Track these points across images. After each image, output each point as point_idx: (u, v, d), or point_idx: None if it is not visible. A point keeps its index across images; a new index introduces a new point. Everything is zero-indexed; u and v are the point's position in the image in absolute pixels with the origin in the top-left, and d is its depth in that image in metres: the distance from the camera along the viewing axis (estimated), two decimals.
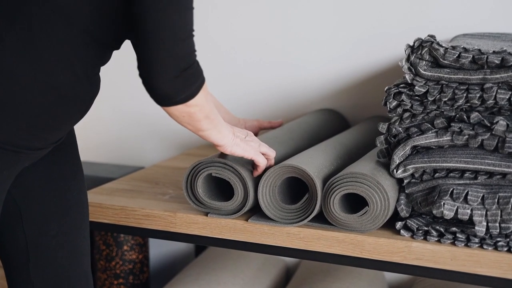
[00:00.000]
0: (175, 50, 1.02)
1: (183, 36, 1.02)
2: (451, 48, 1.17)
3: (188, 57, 1.04)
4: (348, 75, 1.84)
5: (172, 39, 1.01)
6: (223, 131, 1.19)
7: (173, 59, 1.02)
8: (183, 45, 1.03)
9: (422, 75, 1.19)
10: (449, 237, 1.16)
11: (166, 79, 1.03)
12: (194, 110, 1.09)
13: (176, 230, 1.33)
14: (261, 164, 1.25)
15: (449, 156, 1.17)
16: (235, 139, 1.21)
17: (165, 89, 1.04)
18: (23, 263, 1.20)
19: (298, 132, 1.52)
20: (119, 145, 2.13)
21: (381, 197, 1.17)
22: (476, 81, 1.15)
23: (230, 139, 1.20)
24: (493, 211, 1.12)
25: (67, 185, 1.23)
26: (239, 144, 1.22)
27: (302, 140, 1.49)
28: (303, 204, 1.24)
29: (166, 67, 1.02)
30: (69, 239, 1.22)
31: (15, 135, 1.05)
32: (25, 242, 1.20)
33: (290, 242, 1.24)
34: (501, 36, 1.54)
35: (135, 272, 1.87)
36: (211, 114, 1.13)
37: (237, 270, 1.78)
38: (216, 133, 1.17)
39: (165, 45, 1.01)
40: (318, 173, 1.23)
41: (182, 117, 1.10)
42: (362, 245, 1.19)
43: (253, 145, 1.24)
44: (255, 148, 1.24)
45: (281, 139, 1.43)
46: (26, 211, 1.19)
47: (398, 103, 1.21)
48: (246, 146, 1.23)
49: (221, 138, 1.19)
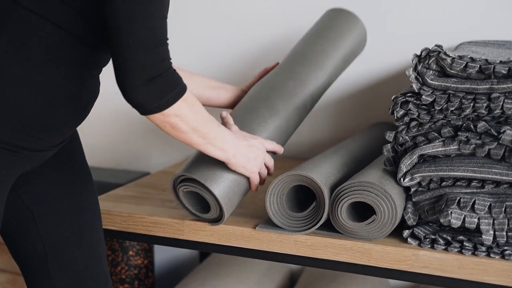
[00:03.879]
0: (143, 58, 1.02)
1: (152, 44, 1.02)
2: (458, 58, 1.18)
3: (158, 66, 1.03)
4: (352, 81, 1.85)
5: (140, 47, 1.01)
6: (224, 147, 1.19)
7: (141, 67, 1.02)
8: (152, 53, 1.02)
9: (429, 84, 1.19)
10: (456, 245, 1.17)
11: (134, 86, 1.03)
12: (174, 120, 1.09)
13: (184, 237, 1.34)
14: (254, 183, 1.29)
15: (456, 165, 1.18)
16: (237, 154, 1.22)
17: (135, 96, 1.04)
18: (43, 265, 1.23)
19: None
20: (123, 150, 2.14)
21: (389, 205, 1.18)
22: (483, 91, 1.16)
23: (230, 155, 1.21)
24: (500, 220, 1.13)
25: (77, 188, 1.25)
26: (239, 162, 1.23)
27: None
28: (311, 212, 1.25)
29: (135, 74, 1.02)
30: (84, 240, 1.24)
31: (10, 135, 1.06)
32: (42, 245, 1.22)
33: (298, 250, 1.25)
34: (506, 44, 1.55)
35: (140, 277, 1.88)
36: (201, 128, 1.13)
37: (242, 276, 1.79)
38: (213, 149, 1.18)
39: (133, 53, 1.01)
40: (326, 181, 1.24)
41: (164, 126, 1.10)
42: (370, 253, 1.20)
43: (256, 164, 1.26)
44: (257, 167, 1.27)
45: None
46: (39, 215, 1.21)
47: (405, 112, 1.22)
48: (247, 164, 1.24)
49: (220, 155, 1.20)
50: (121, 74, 1.03)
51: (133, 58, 1.01)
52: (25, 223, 1.21)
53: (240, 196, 1.30)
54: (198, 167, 1.26)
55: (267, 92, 1.40)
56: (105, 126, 2.13)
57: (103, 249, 1.29)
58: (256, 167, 1.26)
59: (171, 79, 1.06)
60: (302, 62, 1.48)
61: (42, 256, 1.22)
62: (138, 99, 1.04)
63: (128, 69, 1.02)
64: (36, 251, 1.22)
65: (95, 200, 1.29)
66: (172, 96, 1.06)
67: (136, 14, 1.00)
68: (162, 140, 2.06)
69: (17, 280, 1.94)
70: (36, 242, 1.22)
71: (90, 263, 1.25)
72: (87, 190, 1.27)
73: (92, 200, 1.28)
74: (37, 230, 1.21)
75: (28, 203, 1.20)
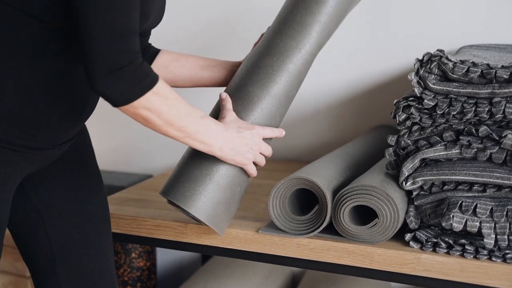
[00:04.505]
0: (106, 48, 0.99)
1: (116, 34, 0.99)
2: (460, 62, 1.18)
3: (121, 56, 1.00)
4: (354, 83, 1.85)
5: (103, 37, 0.99)
6: (206, 141, 1.14)
7: (104, 57, 1.00)
8: (115, 43, 0.99)
9: (431, 88, 1.20)
10: (458, 249, 1.17)
11: (98, 76, 1.00)
12: (145, 113, 1.05)
13: (187, 240, 1.34)
14: (249, 172, 1.24)
15: (457, 169, 1.19)
16: (224, 148, 1.16)
17: (100, 87, 1.01)
18: (50, 267, 1.24)
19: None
20: (126, 153, 2.15)
21: (391, 209, 1.19)
22: (484, 95, 1.16)
23: (216, 149, 1.16)
24: (502, 224, 1.14)
25: (87, 193, 1.26)
26: (228, 156, 1.18)
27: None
28: (313, 216, 1.25)
29: (98, 64, 1.00)
30: (92, 244, 1.26)
31: (7, 133, 1.06)
32: (50, 247, 1.24)
33: (300, 253, 1.26)
34: (507, 47, 1.56)
35: (142, 279, 1.89)
36: (177, 122, 1.09)
37: (244, 278, 1.80)
38: (194, 143, 1.13)
39: (96, 43, 0.99)
40: (328, 184, 1.25)
41: (137, 119, 1.08)
42: (372, 256, 1.21)
43: (248, 157, 1.21)
44: (249, 159, 1.21)
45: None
46: (48, 218, 1.23)
47: (407, 116, 1.23)
48: (237, 158, 1.19)
49: (203, 148, 1.15)
50: (86, 64, 1.01)
51: (96, 48, 0.99)
52: (34, 225, 1.23)
53: (233, 198, 1.24)
54: (177, 181, 1.22)
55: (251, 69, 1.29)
56: (107, 128, 2.13)
57: (111, 254, 1.30)
58: (247, 160, 1.21)
59: (137, 71, 1.02)
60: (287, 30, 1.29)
61: (50, 258, 1.24)
62: (103, 90, 1.01)
63: (91, 59, 1.00)
64: (44, 253, 1.24)
65: (104, 205, 1.30)
66: (139, 88, 1.03)
67: (100, 5, 0.98)
68: (165, 142, 2.06)
69: (19, 282, 1.94)
70: (44, 244, 1.23)
71: (97, 267, 1.26)
72: (97, 195, 1.28)
73: (102, 205, 1.29)
74: (45, 233, 1.23)
75: (38, 205, 1.22)
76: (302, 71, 1.29)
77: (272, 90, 1.25)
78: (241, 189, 1.26)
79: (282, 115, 1.29)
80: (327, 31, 1.30)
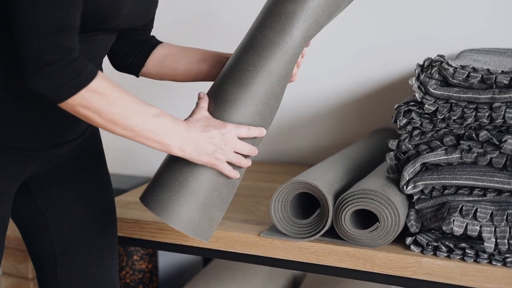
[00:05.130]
0: (33, 45, 0.97)
1: (46, 30, 0.97)
2: (461, 68, 1.19)
3: (52, 52, 0.98)
4: (355, 87, 1.86)
5: (32, 33, 0.97)
6: (161, 140, 1.08)
7: (31, 53, 0.98)
8: (45, 39, 0.97)
9: (432, 93, 1.21)
10: (458, 252, 1.18)
11: (29, 73, 0.98)
12: (83, 112, 1.02)
13: (189, 244, 1.35)
14: (224, 172, 1.16)
15: (458, 173, 1.20)
16: (185, 147, 1.11)
17: (31, 83, 0.99)
18: (52, 268, 1.26)
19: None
20: (129, 155, 2.16)
21: (392, 213, 1.19)
22: (485, 100, 1.17)
23: (174, 149, 1.10)
24: (502, 228, 1.15)
25: (92, 197, 1.26)
26: (192, 156, 1.12)
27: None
28: (315, 219, 1.26)
29: (26, 61, 0.98)
30: (95, 248, 1.26)
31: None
32: (53, 249, 1.25)
33: (302, 256, 1.27)
34: (507, 51, 1.57)
35: (144, 282, 1.90)
36: (122, 121, 1.04)
37: (246, 281, 1.80)
38: (148, 142, 1.08)
39: (25, 39, 0.97)
40: (329, 188, 1.25)
41: (80, 117, 1.04)
42: (373, 259, 1.22)
43: (216, 156, 1.14)
44: (218, 159, 1.14)
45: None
46: (51, 221, 1.24)
47: (408, 121, 1.23)
48: (202, 158, 1.12)
49: (159, 148, 1.09)
50: (18, 60, 1.00)
51: (25, 45, 0.97)
52: (38, 227, 1.25)
53: (210, 203, 1.17)
54: (150, 186, 1.18)
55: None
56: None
57: (114, 258, 1.30)
58: (217, 160, 1.14)
59: (68, 68, 0.98)
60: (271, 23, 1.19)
61: (52, 260, 1.25)
62: (34, 87, 0.99)
63: (21, 54, 0.98)
64: (47, 254, 1.26)
65: (111, 209, 1.31)
66: (72, 85, 0.99)
67: (30, 2, 0.96)
68: None
69: (22, 284, 1.95)
70: (47, 246, 1.25)
71: (98, 271, 1.27)
72: (104, 199, 1.29)
73: (108, 209, 1.30)
74: (49, 235, 1.24)
75: (42, 208, 1.23)
76: (283, 66, 1.17)
77: (248, 88, 1.16)
78: (219, 192, 1.17)
79: (263, 113, 1.19)
80: (315, 22, 1.17)
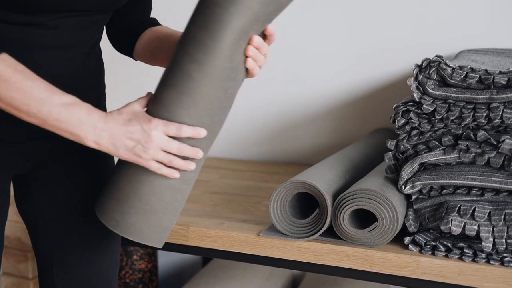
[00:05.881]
0: None
1: None
2: (459, 68, 1.20)
3: None
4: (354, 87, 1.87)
5: None
6: (71, 130, 1.02)
7: None
8: None
9: (430, 94, 1.22)
10: (456, 252, 1.19)
11: None
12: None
13: (189, 243, 1.36)
14: (153, 170, 1.08)
15: (456, 173, 1.20)
16: (100, 141, 1.04)
17: None
18: (49, 267, 1.27)
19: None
20: None
21: (390, 213, 1.20)
22: (482, 101, 1.18)
23: (88, 141, 1.04)
24: (500, 227, 1.16)
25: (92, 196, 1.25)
26: (109, 150, 1.05)
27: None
28: (313, 219, 1.27)
29: None
30: (91, 248, 1.26)
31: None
32: (50, 248, 1.26)
33: (301, 256, 1.27)
34: (505, 52, 1.57)
35: (144, 281, 1.90)
36: (23, 108, 0.99)
37: (245, 280, 1.81)
38: (60, 132, 1.02)
39: None
40: (328, 188, 1.26)
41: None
42: (372, 259, 1.22)
43: (137, 153, 1.06)
44: (139, 156, 1.06)
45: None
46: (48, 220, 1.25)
47: (406, 121, 1.24)
48: (119, 153, 1.05)
49: (73, 138, 1.03)
50: None
51: None
52: (37, 225, 1.25)
53: (150, 209, 1.09)
54: (102, 192, 1.14)
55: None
56: None
57: (112, 260, 1.30)
58: (138, 157, 1.05)
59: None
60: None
61: (49, 258, 1.26)
62: None
63: None
64: (44, 252, 1.26)
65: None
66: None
67: None
68: None
69: (21, 284, 1.96)
70: (44, 244, 1.26)
71: (94, 272, 1.26)
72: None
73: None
74: (46, 233, 1.24)
75: (42, 207, 1.24)
76: (219, 65, 1.05)
77: (176, 86, 1.06)
78: (158, 198, 1.09)
79: (192, 115, 1.06)
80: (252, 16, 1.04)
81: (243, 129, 1.99)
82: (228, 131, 2.00)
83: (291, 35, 1.88)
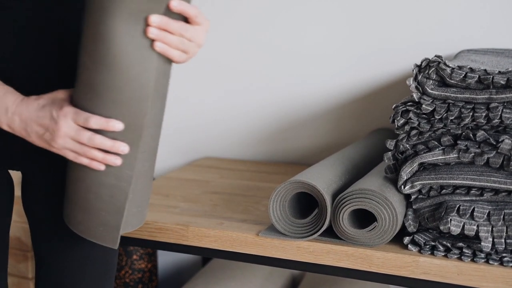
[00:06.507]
0: None
1: None
2: (458, 68, 1.20)
3: None
4: (353, 87, 1.87)
5: None
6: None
7: None
8: None
9: (429, 94, 1.22)
10: (455, 252, 1.19)
11: None
12: None
13: (188, 243, 1.36)
14: (71, 159, 1.03)
15: (455, 173, 1.21)
16: (13, 125, 1.02)
17: None
18: (39, 268, 1.27)
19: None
20: None
21: (390, 213, 1.20)
22: (482, 101, 1.18)
23: (4, 124, 1.02)
24: (499, 227, 1.16)
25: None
26: (23, 135, 1.03)
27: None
28: (313, 219, 1.27)
29: None
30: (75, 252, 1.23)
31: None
32: (39, 251, 1.26)
33: (300, 256, 1.27)
34: (505, 52, 1.57)
35: (144, 281, 1.91)
36: None
37: (245, 280, 1.81)
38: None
39: None
40: (328, 188, 1.26)
41: None
42: (371, 259, 1.22)
43: (47, 140, 1.01)
44: (49, 143, 1.02)
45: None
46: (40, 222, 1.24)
47: (405, 121, 1.24)
48: (30, 138, 1.03)
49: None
50: None
51: None
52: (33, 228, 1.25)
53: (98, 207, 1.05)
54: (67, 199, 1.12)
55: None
56: None
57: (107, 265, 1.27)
58: (48, 144, 1.02)
59: None
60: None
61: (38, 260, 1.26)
62: None
63: None
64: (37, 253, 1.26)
65: None
66: None
67: None
68: (165, 144, 2.08)
69: (22, 284, 1.96)
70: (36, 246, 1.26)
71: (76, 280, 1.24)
72: None
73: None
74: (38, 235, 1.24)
75: (35, 209, 1.24)
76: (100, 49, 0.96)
77: (79, 77, 1.01)
78: (96, 196, 1.04)
79: (98, 106, 0.99)
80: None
81: (243, 129, 1.99)
82: (228, 131, 2.01)
83: (291, 35, 1.89)
